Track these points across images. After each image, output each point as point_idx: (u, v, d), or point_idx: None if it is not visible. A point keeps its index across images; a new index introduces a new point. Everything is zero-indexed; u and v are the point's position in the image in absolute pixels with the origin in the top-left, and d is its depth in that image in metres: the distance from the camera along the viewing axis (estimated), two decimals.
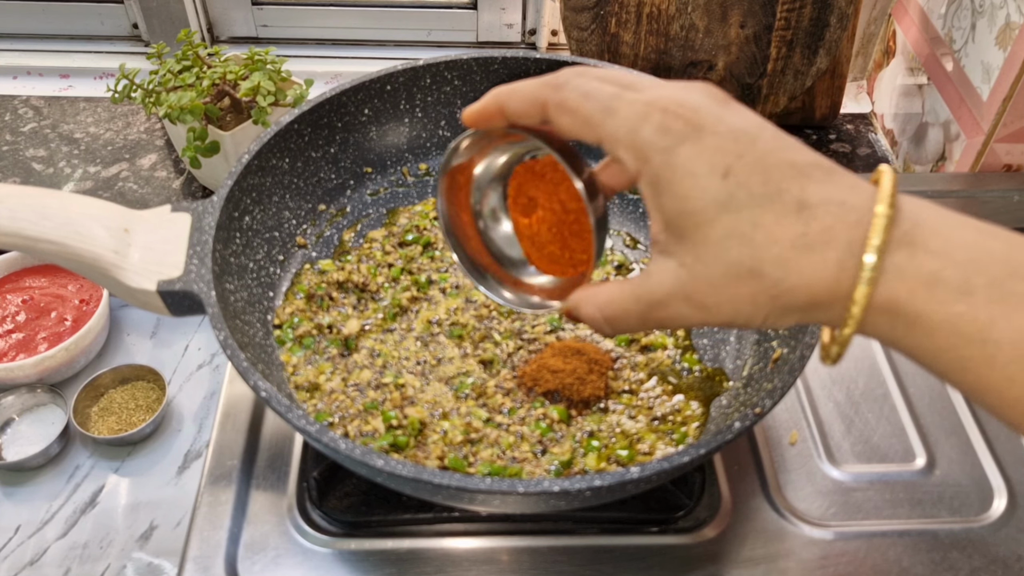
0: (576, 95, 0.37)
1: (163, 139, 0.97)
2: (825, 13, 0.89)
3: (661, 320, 0.37)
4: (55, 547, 0.60)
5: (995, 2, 0.82)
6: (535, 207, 0.44)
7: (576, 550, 0.58)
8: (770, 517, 0.60)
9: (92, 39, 1.10)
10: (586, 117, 0.37)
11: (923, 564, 0.58)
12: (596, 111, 0.36)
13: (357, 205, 0.71)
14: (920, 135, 0.95)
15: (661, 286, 0.36)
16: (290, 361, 0.60)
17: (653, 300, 0.37)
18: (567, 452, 0.55)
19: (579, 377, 0.58)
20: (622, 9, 0.91)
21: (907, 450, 0.65)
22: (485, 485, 0.44)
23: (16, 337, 0.69)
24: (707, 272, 0.35)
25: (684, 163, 0.34)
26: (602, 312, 0.39)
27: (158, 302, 0.52)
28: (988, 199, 0.85)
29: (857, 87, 1.09)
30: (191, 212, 0.55)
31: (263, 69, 0.81)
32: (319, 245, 0.67)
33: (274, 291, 0.63)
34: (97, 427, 0.66)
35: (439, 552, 0.58)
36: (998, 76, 0.81)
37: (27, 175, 0.92)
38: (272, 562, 0.57)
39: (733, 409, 0.56)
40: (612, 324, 0.39)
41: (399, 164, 0.73)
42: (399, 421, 0.56)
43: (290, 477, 0.61)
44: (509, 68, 0.71)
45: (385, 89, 0.69)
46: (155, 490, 0.64)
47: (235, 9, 1.07)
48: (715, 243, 0.34)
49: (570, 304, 0.41)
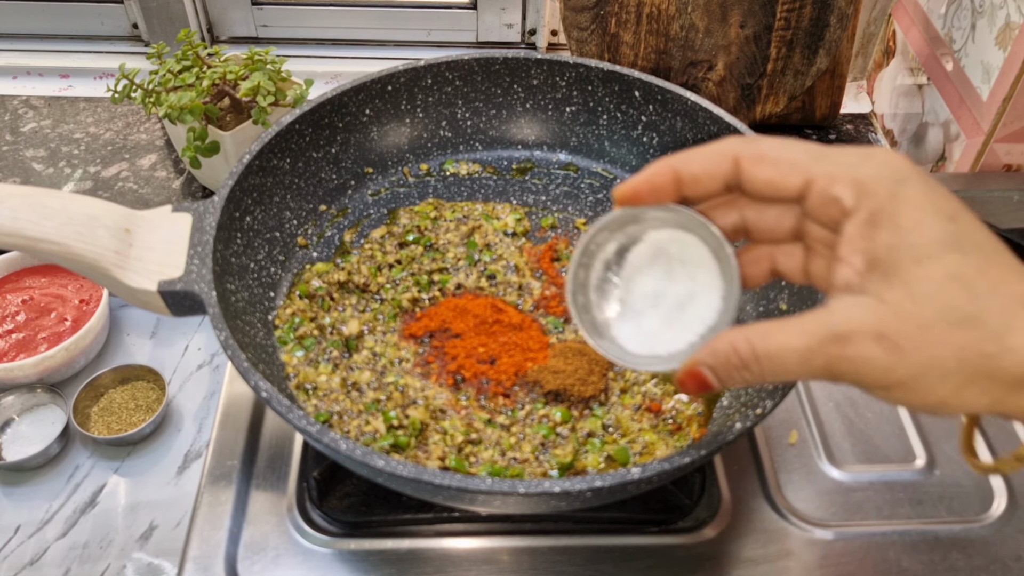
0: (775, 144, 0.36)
1: (163, 139, 0.97)
2: (825, 13, 0.89)
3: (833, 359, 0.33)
4: (55, 547, 0.60)
5: (995, 2, 0.82)
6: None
7: (576, 550, 0.58)
8: (770, 517, 0.60)
9: (92, 39, 1.10)
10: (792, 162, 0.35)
11: (923, 564, 0.58)
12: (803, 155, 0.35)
13: (358, 205, 0.71)
14: (920, 135, 0.95)
15: (848, 320, 0.33)
16: (291, 361, 0.60)
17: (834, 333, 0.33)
18: (569, 454, 0.55)
19: (580, 378, 0.58)
20: (622, 9, 0.91)
21: (907, 450, 0.65)
22: (486, 486, 0.44)
23: (16, 337, 0.69)
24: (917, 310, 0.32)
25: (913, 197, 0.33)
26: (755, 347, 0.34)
27: (159, 302, 0.52)
28: (988, 199, 0.85)
29: (857, 87, 1.09)
30: (192, 212, 0.55)
31: (263, 69, 0.81)
32: (320, 245, 0.67)
33: (275, 291, 0.63)
34: (97, 427, 0.66)
35: (439, 552, 0.58)
36: (998, 76, 0.81)
37: (27, 175, 0.92)
38: (272, 562, 0.57)
39: (734, 410, 0.56)
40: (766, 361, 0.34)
41: (400, 164, 0.73)
42: (400, 421, 0.56)
43: (290, 477, 0.61)
44: (510, 68, 0.71)
45: (386, 89, 0.69)
46: (155, 490, 0.64)
47: (235, 9, 1.07)
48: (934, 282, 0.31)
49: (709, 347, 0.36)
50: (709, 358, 0.36)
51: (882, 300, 0.32)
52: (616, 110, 0.71)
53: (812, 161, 0.35)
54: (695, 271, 0.40)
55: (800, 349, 0.33)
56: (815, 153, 0.35)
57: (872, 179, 0.33)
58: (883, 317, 0.32)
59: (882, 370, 0.32)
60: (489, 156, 0.75)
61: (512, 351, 0.60)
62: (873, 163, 0.34)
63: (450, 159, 0.74)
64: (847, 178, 0.34)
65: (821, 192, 0.35)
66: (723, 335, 0.36)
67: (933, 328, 0.31)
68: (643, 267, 0.41)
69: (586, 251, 0.42)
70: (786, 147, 0.36)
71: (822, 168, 0.35)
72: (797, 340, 0.34)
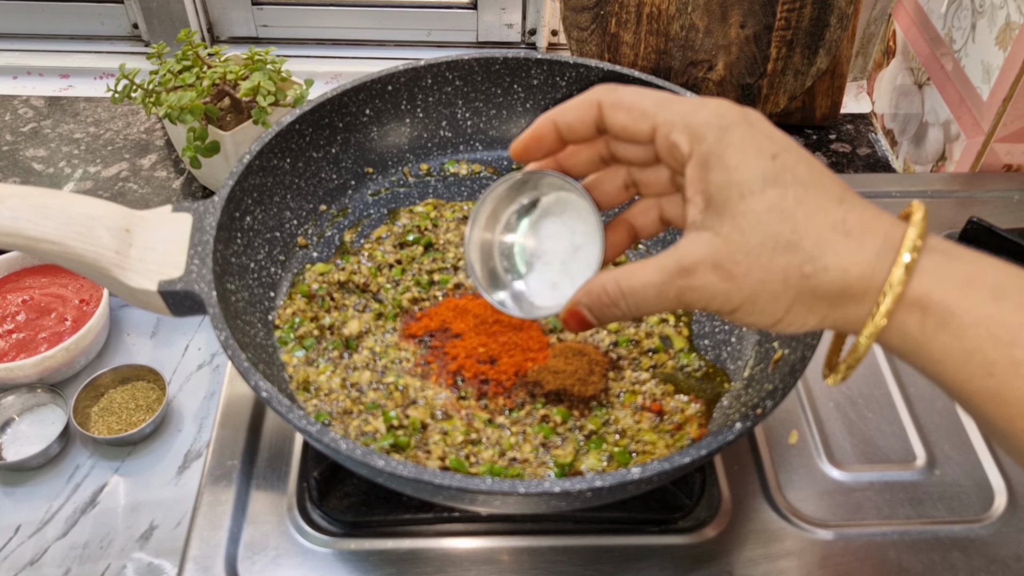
0: (630, 91, 0.40)
1: (163, 139, 0.97)
2: (825, 13, 0.89)
3: (682, 291, 0.37)
4: (55, 547, 0.60)
5: (995, 2, 0.82)
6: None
7: (576, 550, 0.58)
8: (770, 517, 0.60)
9: (92, 39, 1.10)
10: (642, 110, 0.39)
11: (923, 564, 0.58)
12: (652, 104, 0.39)
13: (358, 205, 0.71)
14: (920, 135, 0.95)
15: (690, 254, 0.37)
16: (291, 361, 0.60)
17: (680, 267, 0.37)
18: (569, 454, 0.55)
19: (580, 378, 0.58)
20: (622, 9, 0.91)
21: (907, 450, 0.65)
22: (486, 486, 0.44)
23: (16, 337, 0.69)
24: (743, 240, 0.35)
25: (737, 140, 0.36)
26: (620, 284, 0.39)
27: (159, 302, 0.52)
28: (988, 199, 0.85)
29: (857, 87, 1.09)
30: (192, 212, 0.55)
31: (263, 69, 0.81)
32: (320, 245, 0.67)
33: (275, 291, 0.63)
34: (97, 427, 0.66)
35: (439, 552, 0.58)
36: (998, 76, 0.81)
37: (27, 175, 0.92)
38: (272, 562, 0.57)
39: (734, 410, 0.56)
40: (632, 298, 0.39)
41: (400, 164, 0.73)
42: (400, 421, 0.56)
43: (290, 477, 0.61)
44: (510, 68, 0.71)
45: (386, 89, 0.69)
46: (155, 490, 0.64)
47: (235, 9, 1.07)
48: (757, 213, 0.35)
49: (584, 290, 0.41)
50: (584, 298, 0.41)
51: (717, 234, 0.36)
52: None
53: (657, 109, 0.39)
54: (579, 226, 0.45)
55: (656, 284, 0.38)
56: (661, 101, 0.39)
57: (702, 125, 0.37)
58: (717, 248, 0.36)
59: (723, 296, 0.36)
60: (489, 156, 0.75)
61: (512, 351, 0.60)
62: (705, 111, 0.37)
63: (450, 159, 0.74)
64: (682, 125, 0.37)
65: (664, 138, 0.38)
66: (596, 278, 0.40)
67: (758, 255, 0.35)
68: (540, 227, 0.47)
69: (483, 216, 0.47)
70: (640, 96, 0.39)
71: (663, 116, 0.38)
72: (654, 275, 0.38)
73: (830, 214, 0.35)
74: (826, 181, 0.36)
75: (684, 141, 0.37)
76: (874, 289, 0.34)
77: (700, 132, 0.37)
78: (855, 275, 0.34)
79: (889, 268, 0.34)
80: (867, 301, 0.35)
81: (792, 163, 0.36)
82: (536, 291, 0.47)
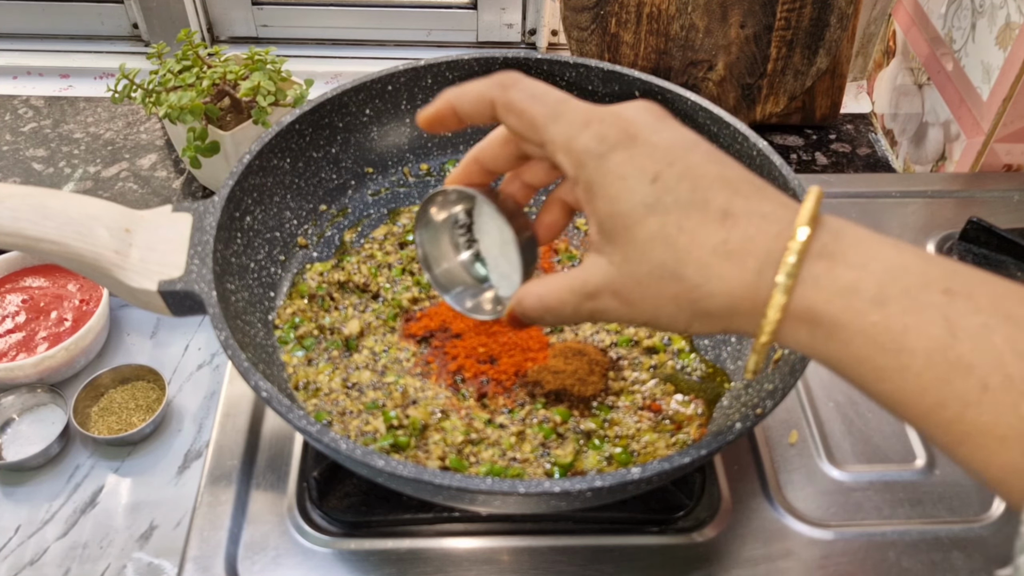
0: (523, 95, 0.39)
1: (163, 139, 0.97)
2: (825, 13, 0.89)
3: (592, 312, 0.39)
4: (55, 547, 0.60)
5: (995, 2, 0.82)
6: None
7: (576, 550, 0.58)
8: (770, 517, 0.60)
9: (92, 39, 1.10)
10: (531, 120, 0.38)
11: (923, 564, 0.58)
12: (540, 115, 0.38)
13: (358, 205, 0.71)
14: (920, 135, 0.95)
15: (592, 279, 0.38)
16: (291, 361, 0.60)
17: (585, 292, 0.38)
18: (569, 454, 0.55)
19: (580, 378, 0.58)
20: (622, 9, 0.91)
21: (907, 450, 0.65)
22: (486, 486, 0.44)
23: (16, 337, 0.69)
24: (633, 271, 0.36)
25: (615, 168, 0.36)
26: (542, 301, 0.40)
27: (159, 302, 0.52)
28: (988, 199, 0.85)
29: (857, 87, 1.09)
30: (192, 212, 0.55)
31: (263, 69, 0.81)
32: (320, 245, 0.67)
33: (275, 291, 0.63)
34: (97, 427, 0.66)
35: (439, 552, 0.58)
36: (998, 76, 0.81)
37: (27, 175, 0.92)
38: (272, 562, 0.57)
39: (734, 410, 0.56)
40: (551, 313, 0.40)
41: (400, 164, 0.73)
42: (400, 421, 0.56)
43: (290, 477, 0.61)
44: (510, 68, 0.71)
45: (386, 89, 0.69)
46: (155, 490, 0.64)
47: (235, 9, 1.07)
48: (641, 243, 0.36)
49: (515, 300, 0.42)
50: (517, 308, 0.42)
51: (611, 262, 0.37)
52: None
53: (546, 122, 0.38)
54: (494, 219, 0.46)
55: (571, 303, 0.39)
56: (553, 114, 0.38)
57: (582, 153, 0.37)
58: (613, 277, 0.37)
59: (627, 317, 0.38)
60: None
61: (512, 351, 0.60)
62: (587, 135, 0.37)
63: (451, 159, 0.74)
64: (564, 148, 0.37)
65: (551, 156, 0.38)
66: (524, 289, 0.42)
67: (648, 284, 0.36)
68: (479, 231, 0.48)
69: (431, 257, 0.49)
70: (532, 101, 0.38)
71: (550, 133, 0.38)
72: (567, 295, 0.39)
73: (711, 236, 0.35)
74: (710, 196, 0.35)
75: (568, 166, 0.38)
76: (760, 306, 0.35)
77: (580, 159, 0.37)
78: (739, 296, 0.35)
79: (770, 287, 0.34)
80: (756, 315, 0.35)
81: (674, 182, 0.35)
82: (502, 286, 0.49)
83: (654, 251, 0.35)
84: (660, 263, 0.35)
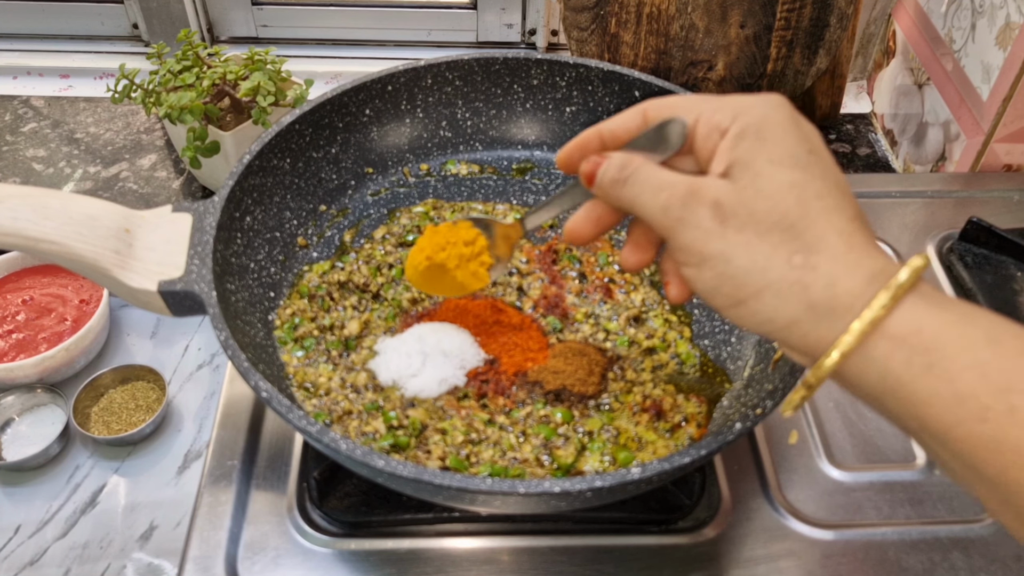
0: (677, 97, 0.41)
1: (163, 139, 0.97)
2: (825, 13, 0.89)
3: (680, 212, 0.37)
4: (55, 547, 0.60)
5: (995, 2, 0.82)
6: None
7: (576, 550, 0.58)
8: (770, 517, 0.60)
9: (92, 39, 1.10)
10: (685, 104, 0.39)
11: (923, 564, 0.58)
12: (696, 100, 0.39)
13: (358, 205, 0.71)
14: (920, 135, 0.95)
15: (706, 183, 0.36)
16: (291, 362, 0.60)
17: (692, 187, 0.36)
18: (570, 455, 0.55)
19: (580, 378, 0.58)
20: (622, 9, 0.91)
21: (907, 450, 0.65)
22: (486, 486, 0.44)
23: (16, 337, 0.69)
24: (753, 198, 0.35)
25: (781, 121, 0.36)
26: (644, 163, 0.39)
27: (159, 302, 0.52)
28: (988, 199, 0.85)
29: (857, 87, 1.09)
30: (192, 212, 0.55)
31: (263, 69, 0.81)
32: (320, 245, 0.67)
33: (275, 291, 0.63)
34: (97, 427, 0.66)
35: (439, 552, 0.58)
36: (998, 76, 0.81)
37: (27, 175, 0.92)
38: (272, 562, 0.57)
39: (734, 410, 0.56)
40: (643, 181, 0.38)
41: (400, 164, 0.73)
42: (400, 421, 0.56)
43: (290, 477, 0.61)
44: (510, 68, 0.71)
45: (386, 89, 0.69)
46: (155, 490, 0.64)
47: (235, 9, 1.07)
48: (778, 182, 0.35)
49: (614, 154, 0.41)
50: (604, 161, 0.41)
51: (733, 181, 0.36)
52: (616, 110, 0.71)
53: (702, 102, 0.39)
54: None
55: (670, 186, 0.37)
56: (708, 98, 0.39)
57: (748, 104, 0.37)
58: (727, 191, 0.35)
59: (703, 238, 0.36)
60: (489, 156, 0.75)
61: (512, 351, 0.60)
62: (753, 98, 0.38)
63: (450, 159, 0.74)
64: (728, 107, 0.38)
65: (706, 122, 0.38)
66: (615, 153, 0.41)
67: (758, 220, 0.34)
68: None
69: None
70: (686, 97, 0.41)
71: (709, 105, 0.38)
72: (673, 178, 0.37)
73: (842, 222, 0.34)
74: (848, 196, 0.36)
75: (727, 118, 0.37)
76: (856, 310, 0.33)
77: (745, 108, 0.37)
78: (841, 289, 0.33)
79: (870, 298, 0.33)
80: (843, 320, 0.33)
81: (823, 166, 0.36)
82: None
83: (785, 196, 0.34)
84: (784, 209, 0.34)
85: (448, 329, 0.60)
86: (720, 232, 0.35)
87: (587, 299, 0.65)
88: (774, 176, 0.35)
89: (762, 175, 0.35)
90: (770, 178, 0.35)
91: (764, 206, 0.34)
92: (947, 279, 0.78)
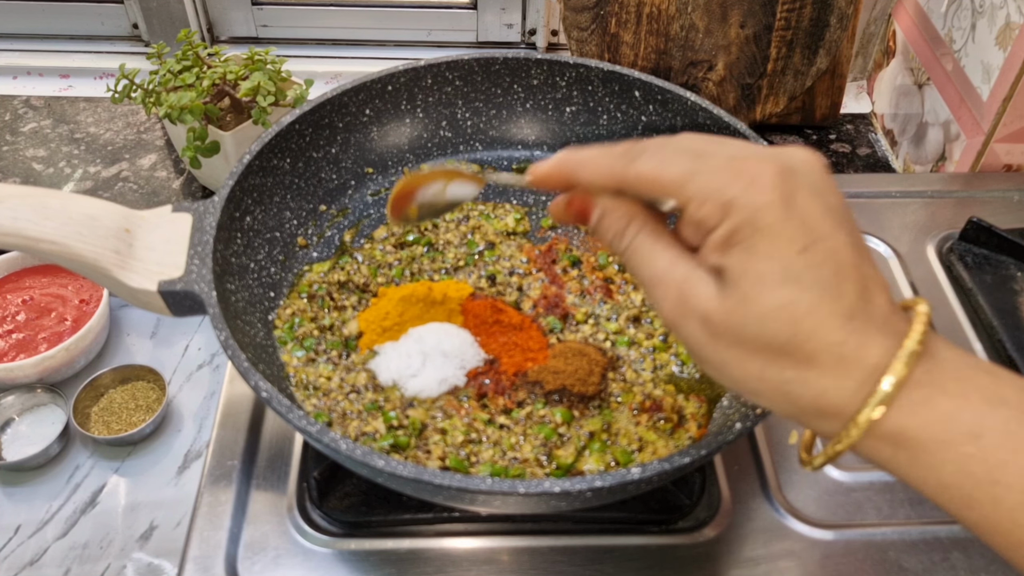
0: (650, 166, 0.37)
1: (163, 139, 0.97)
2: (825, 13, 0.89)
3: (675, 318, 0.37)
4: (55, 547, 0.60)
5: (995, 2, 0.82)
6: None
7: (576, 550, 0.58)
8: (770, 517, 0.60)
9: (92, 39, 1.10)
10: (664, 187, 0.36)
11: (923, 564, 0.58)
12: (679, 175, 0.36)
13: (358, 205, 0.71)
14: (920, 135, 0.95)
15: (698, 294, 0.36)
16: (291, 362, 0.60)
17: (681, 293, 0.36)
18: (571, 455, 0.55)
19: (580, 378, 0.58)
20: (622, 9, 0.91)
21: None
22: (486, 486, 0.44)
23: (16, 337, 0.69)
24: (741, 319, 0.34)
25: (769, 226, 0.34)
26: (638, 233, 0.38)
27: (159, 302, 0.52)
28: (988, 199, 0.85)
29: (857, 87, 1.09)
30: (192, 212, 0.55)
31: (263, 69, 0.81)
32: (320, 245, 0.67)
33: (275, 291, 0.63)
34: (97, 427, 0.66)
35: (439, 552, 0.58)
36: (998, 76, 0.81)
37: (27, 175, 0.92)
38: (272, 562, 0.57)
39: (734, 410, 0.56)
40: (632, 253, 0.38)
41: (400, 164, 0.73)
42: (400, 421, 0.56)
43: (290, 477, 0.61)
44: (510, 68, 0.71)
45: (386, 89, 0.69)
46: (155, 490, 0.64)
47: (235, 9, 1.07)
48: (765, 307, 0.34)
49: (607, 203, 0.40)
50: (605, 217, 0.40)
51: (723, 296, 0.35)
52: (616, 110, 0.71)
53: (687, 180, 0.36)
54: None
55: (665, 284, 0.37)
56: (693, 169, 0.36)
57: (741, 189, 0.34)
58: (715, 306, 0.35)
59: (699, 348, 0.36)
60: (489, 156, 0.75)
61: (512, 351, 0.60)
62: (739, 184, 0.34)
63: (450, 159, 0.74)
64: (717, 196, 0.35)
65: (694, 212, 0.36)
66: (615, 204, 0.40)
67: (747, 341, 0.35)
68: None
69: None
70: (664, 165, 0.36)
71: (693, 188, 0.35)
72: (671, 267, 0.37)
73: (833, 334, 0.34)
74: (845, 289, 0.34)
75: (715, 214, 0.35)
76: (847, 416, 0.34)
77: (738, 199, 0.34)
78: (831, 403, 0.34)
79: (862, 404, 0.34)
80: (837, 423, 0.35)
81: (820, 260, 0.34)
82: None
83: (774, 320, 0.34)
84: (773, 333, 0.34)
85: (448, 329, 0.60)
86: (712, 345, 0.36)
87: (587, 299, 0.65)
88: (761, 299, 0.34)
89: (749, 298, 0.34)
90: (757, 302, 0.34)
91: (752, 331, 0.34)
92: (947, 279, 0.78)
